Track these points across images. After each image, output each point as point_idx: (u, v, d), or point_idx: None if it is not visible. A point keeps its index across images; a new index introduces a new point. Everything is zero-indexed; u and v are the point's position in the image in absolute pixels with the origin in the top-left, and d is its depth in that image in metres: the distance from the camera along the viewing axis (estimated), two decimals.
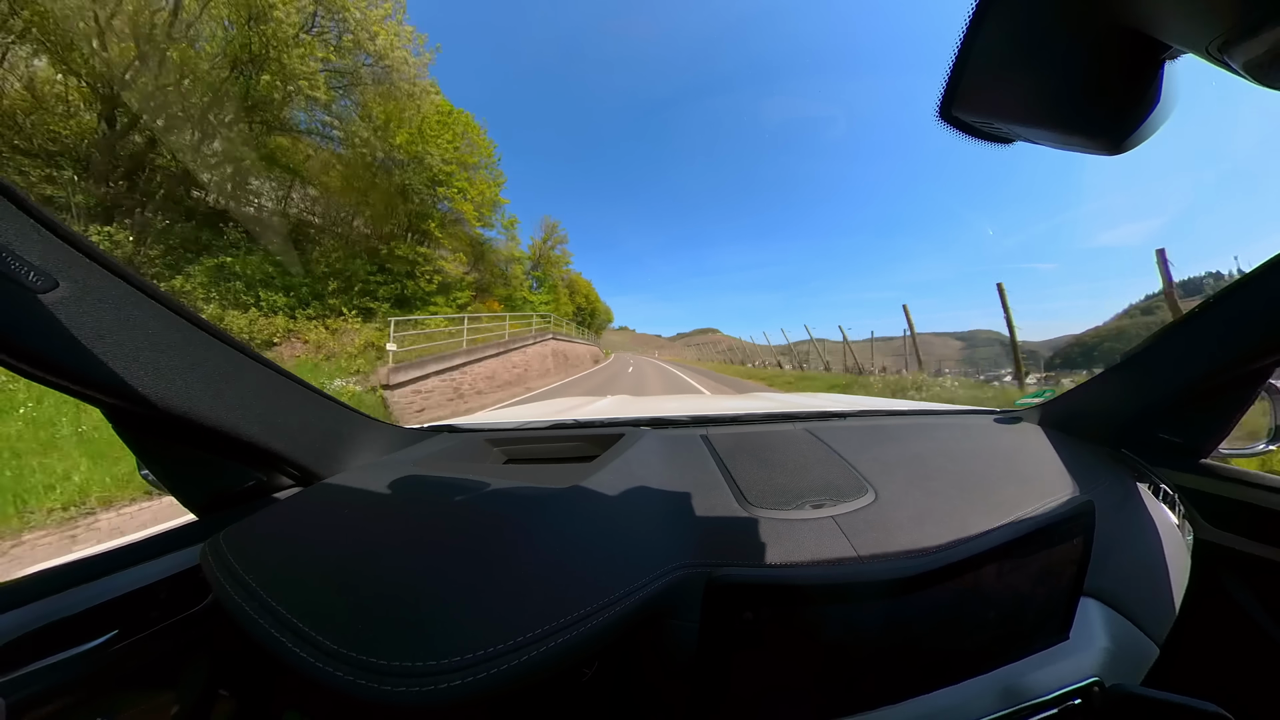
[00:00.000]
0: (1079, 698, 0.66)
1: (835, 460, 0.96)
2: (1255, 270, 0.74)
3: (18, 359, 0.50)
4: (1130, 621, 0.76)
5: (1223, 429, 0.93)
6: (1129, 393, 1.02)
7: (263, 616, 0.53)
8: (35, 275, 0.49)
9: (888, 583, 0.60)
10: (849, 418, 1.37)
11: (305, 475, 0.88)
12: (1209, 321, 0.83)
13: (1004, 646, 0.66)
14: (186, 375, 0.64)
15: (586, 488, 0.81)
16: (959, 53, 0.42)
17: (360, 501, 0.80)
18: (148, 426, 0.70)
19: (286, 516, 0.75)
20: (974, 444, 1.07)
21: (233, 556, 0.62)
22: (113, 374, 0.56)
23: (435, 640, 0.50)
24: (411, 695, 0.45)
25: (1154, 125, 0.42)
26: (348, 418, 0.99)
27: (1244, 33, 0.31)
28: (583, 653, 0.52)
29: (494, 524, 0.71)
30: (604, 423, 1.37)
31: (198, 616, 0.70)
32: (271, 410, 0.78)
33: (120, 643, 0.62)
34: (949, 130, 0.49)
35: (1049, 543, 0.67)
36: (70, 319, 0.52)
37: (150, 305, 0.61)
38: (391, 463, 0.99)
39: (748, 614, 0.58)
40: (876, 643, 0.60)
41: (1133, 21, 0.36)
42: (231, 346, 0.72)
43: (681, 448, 1.07)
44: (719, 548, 0.69)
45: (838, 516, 0.74)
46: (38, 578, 0.60)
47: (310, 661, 0.48)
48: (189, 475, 0.78)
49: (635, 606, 0.58)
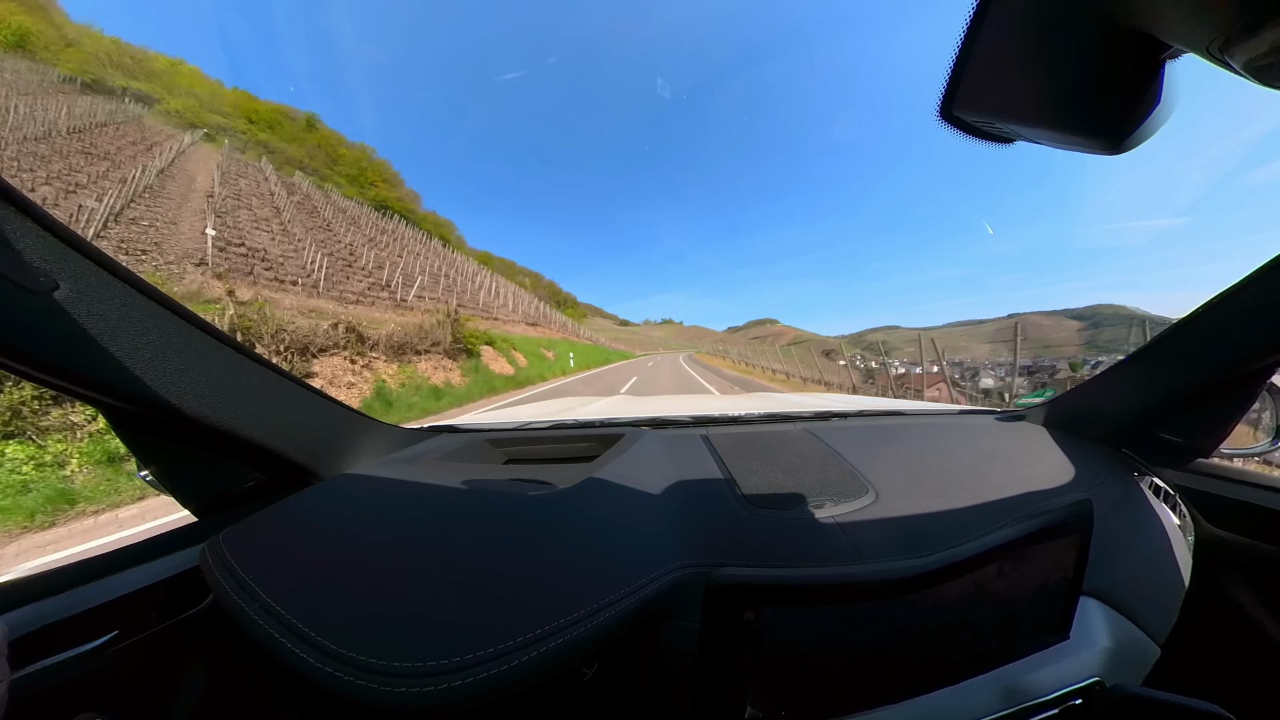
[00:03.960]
0: (1080, 698, 0.66)
1: (836, 460, 0.96)
2: (1256, 270, 0.74)
3: (18, 359, 0.50)
4: (1131, 621, 0.76)
5: (1224, 429, 0.93)
6: (1131, 392, 1.02)
7: (262, 617, 0.53)
8: (36, 275, 0.49)
9: (888, 582, 0.60)
10: (849, 418, 1.37)
11: (305, 475, 0.88)
12: (1210, 321, 0.83)
13: (1004, 646, 0.66)
14: (186, 375, 0.64)
15: (587, 488, 0.81)
16: (959, 52, 0.42)
17: (360, 502, 0.80)
18: (147, 427, 0.70)
19: (286, 517, 0.75)
20: (975, 444, 1.07)
21: (232, 557, 0.62)
22: (112, 374, 0.56)
23: (435, 641, 0.50)
24: (411, 696, 0.45)
25: (1155, 125, 0.42)
26: (348, 418, 0.99)
27: (1245, 32, 0.31)
28: (583, 653, 0.52)
29: (494, 524, 0.71)
30: (604, 423, 1.37)
31: (198, 617, 0.70)
32: (271, 410, 0.78)
33: (120, 643, 0.62)
34: (949, 130, 0.49)
35: (1048, 542, 0.67)
36: (70, 319, 0.52)
37: (150, 306, 0.61)
38: (391, 463, 0.99)
39: (748, 614, 0.58)
40: (877, 643, 0.60)
41: (1133, 21, 0.36)
42: (231, 347, 0.72)
43: (682, 448, 1.07)
44: (719, 548, 0.69)
45: (838, 516, 0.74)
46: (38, 578, 0.60)
47: (310, 662, 0.48)
48: (189, 475, 0.78)
49: (636, 607, 0.58)
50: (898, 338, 44.37)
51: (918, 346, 12.10)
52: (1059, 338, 58.53)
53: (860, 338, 66.75)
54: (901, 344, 30.58)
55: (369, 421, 1.06)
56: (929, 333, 13.50)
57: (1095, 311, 78.92)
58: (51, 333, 0.51)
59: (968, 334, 63.15)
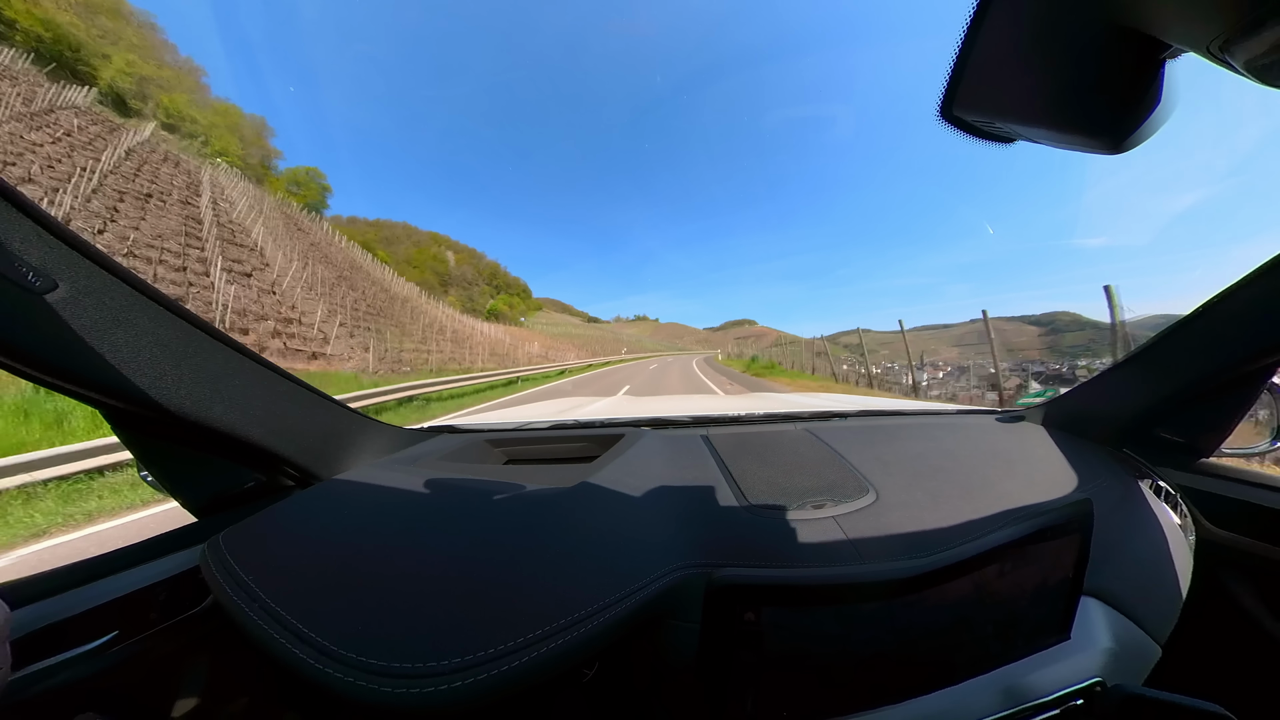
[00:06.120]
0: (1081, 698, 0.66)
1: (836, 460, 0.96)
2: (1256, 270, 0.74)
3: (18, 360, 0.50)
4: (1132, 621, 0.76)
5: (1224, 428, 0.93)
6: (1131, 392, 1.02)
7: (262, 618, 0.53)
8: (35, 276, 0.49)
9: (889, 583, 0.59)
10: (849, 418, 1.37)
11: (305, 476, 0.88)
12: (1211, 321, 0.83)
13: (1005, 646, 0.66)
14: (186, 376, 0.64)
15: (587, 488, 0.81)
16: (959, 52, 0.42)
17: (360, 502, 0.80)
18: (147, 427, 0.70)
19: (286, 518, 0.75)
20: (975, 444, 1.07)
21: (232, 558, 0.62)
22: (112, 375, 0.56)
23: (435, 641, 0.50)
24: (411, 697, 0.45)
25: (1155, 124, 0.42)
26: (347, 418, 0.99)
27: (1245, 31, 0.31)
28: (584, 654, 0.52)
29: (494, 525, 0.71)
30: (604, 423, 1.37)
31: (198, 618, 0.70)
32: (271, 411, 0.78)
33: (120, 644, 0.62)
34: (949, 129, 0.49)
35: (1048, 542, 0.67)
36: (70, 319, 0.52)
37: (150, 306, 0.61)
38: (391, 464, 0.99)
39: (748, 615, 0.58)
40: (877, 643, 0.60)
41: (1133, 21, 0.36)
42: (231, 347, 0.72)
43: (682, 448, 1.07)
44: (720, 548, 0.68)
45: (839, 517, 0.74)
46: (38, 579, 0.60)
47: (310, 663, 0.48)
48: (189, 476, 0.78)
49: (636, 607, 0.57)
50: (872, 340, 44.80)
51: (894, 348, 12.15)
52: (1020, 342, 59.00)
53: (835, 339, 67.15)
54: (876, 346, 30.93)
55: (368, 422, 1.06)
56: (898, 335, 13.73)
57: (1053, 318, 79.34)
58: (51, 332, 0.51)
59: (935, 338, 63.62)
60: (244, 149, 59.38)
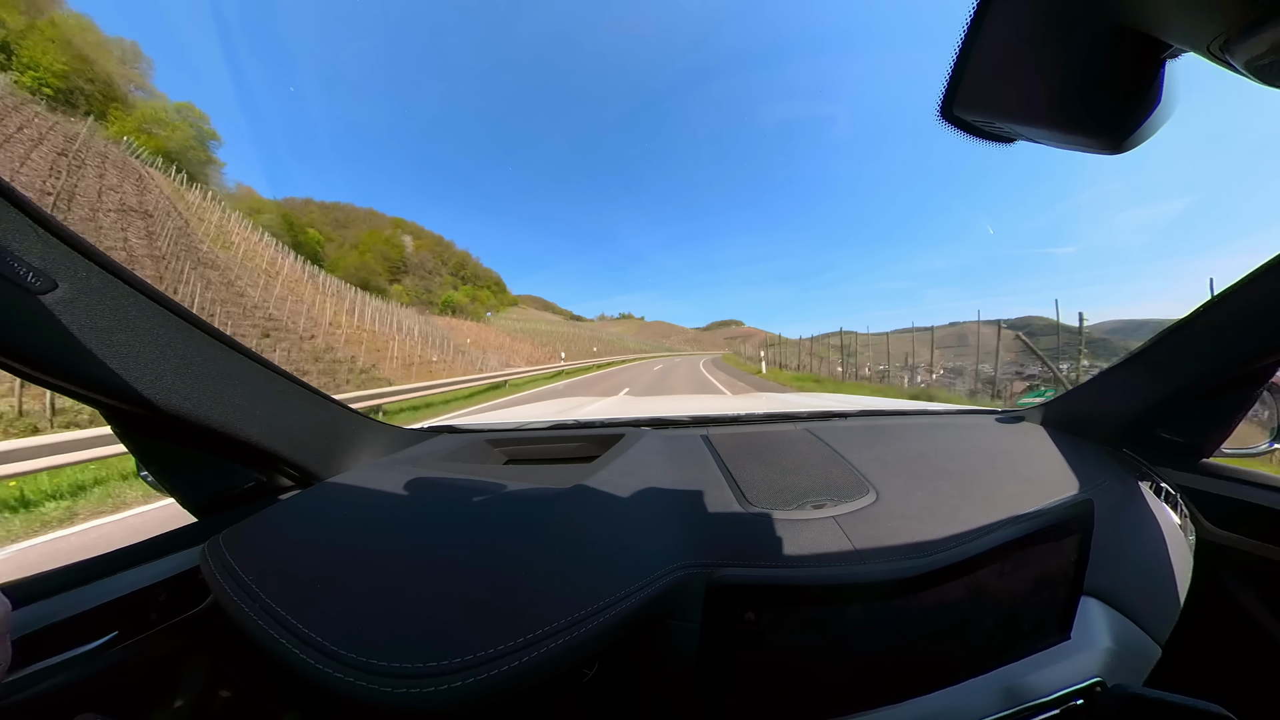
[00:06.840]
0: (1081, 698, 0.66)
1: (836, 460, 0.96)
2: (1256, 270, 0.74)
3: (17, 360, 0.50)
4: (1132, 621, 0.76)
5: (1225, 429, 0.93)
6: (1131, 392, 1.02)
7: (262, 618, 0.53)
8: (35, 276, 0.49)
9: (889, 583, 0.59)
10: (849, 418, 1.37)
11: (305, 476, 0.88)
12: (1211, 321, 0.83)
13: (1005, 646, 0.66)
14: (186, 376, 0.64)
15: (587, 488, 0.81)
16: (960, 52, 0.42)
17: (360, 503, 0.80)
18: (147, 427, 0.70)
19: (286, 518, 0.75)
20: (975, 444, 1.06)
21: (232, 558, 0.62)
22: (112, 374, 0.56)
23: (435, 641, 0.50)
24: (411, 697, 0.45)
25: (1155, 124, 0.42)
26: (347, 418, 0.99)
27: (1245, 31, 0.31)
28: (584, 654, 0.52)
29: (494, 525, 0.70)
30: (604, 423, 1.37)
31: (197, 618, 0.70)
32: (271, 411, 0.78)
33: (120, 644, 0.62)
34: (950, 129, 0.49)
35: (1048, 542, 0.67)
36: (70, 319, 0.52)
37: (150, 306, 0.61)
38: (391, 464, 0.99)
39: (749, 614, 0.58)
40: (877, 643, 0.60)
41: (1133, 21, 0.36)
42: (231, 347, 0.72)
43: (682, 448, 1.07)
44: (720, 548, 0.68)
45: (839, 516, 0.74)
46: (38, 579, 0.60)
47: (310, 663, 0.48)
48: (189, 476, 0.78)
49: (636, 607, 0.57)
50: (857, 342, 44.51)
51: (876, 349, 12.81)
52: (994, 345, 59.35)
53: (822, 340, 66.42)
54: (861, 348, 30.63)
55: (368, 422, 1.06)
56: (882, 337, 14.57)
57: (1027, 322, 80.00)
58: (50, 333, 0.51)
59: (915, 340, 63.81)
60: (85, 69, 46.48)
